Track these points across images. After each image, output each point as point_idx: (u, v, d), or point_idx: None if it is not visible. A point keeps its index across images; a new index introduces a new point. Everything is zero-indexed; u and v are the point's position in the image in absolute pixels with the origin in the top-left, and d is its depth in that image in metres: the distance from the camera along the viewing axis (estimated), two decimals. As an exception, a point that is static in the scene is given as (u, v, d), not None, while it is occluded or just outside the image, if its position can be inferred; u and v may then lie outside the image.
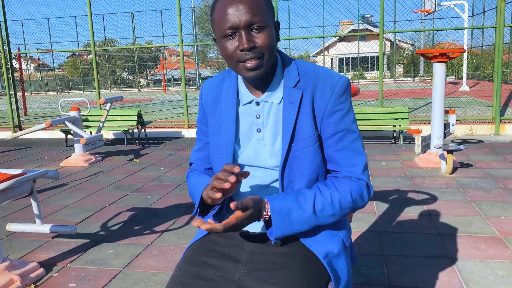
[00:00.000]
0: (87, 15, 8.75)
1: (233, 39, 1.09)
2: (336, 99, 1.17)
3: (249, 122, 1.23)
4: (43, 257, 2.88)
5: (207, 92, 1.32)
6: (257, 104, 1.21)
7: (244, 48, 1.08)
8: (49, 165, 6.08)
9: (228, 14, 1.07)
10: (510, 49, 17.53)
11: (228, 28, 1.08)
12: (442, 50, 4.70)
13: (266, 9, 1.10)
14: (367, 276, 2.45)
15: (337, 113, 1.17)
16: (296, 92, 1.17)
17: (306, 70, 1.20)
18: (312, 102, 1.17)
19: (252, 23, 1.08)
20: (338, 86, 1.17)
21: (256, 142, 1.22)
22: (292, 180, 1.20)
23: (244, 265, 1.18)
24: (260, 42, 1.09)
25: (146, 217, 3.63)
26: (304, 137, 1.17)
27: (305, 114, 1.17)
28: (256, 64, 1.10)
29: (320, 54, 31.22)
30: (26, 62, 31.84)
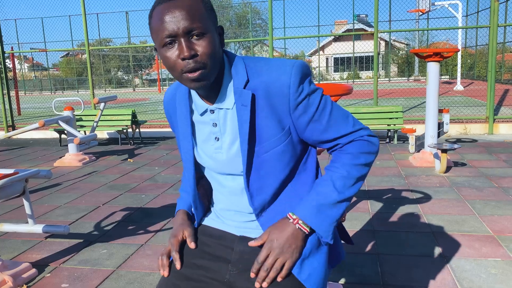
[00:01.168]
0: (81, 14, 8.71)
1: (173, 47, 1.02)
2: (295, 92, 1.08)
3: (206, 131, 1.17)
4: (36, 258, 2.86)
5: (167, 104, 1.28)
6: (212, 112, 1.14)
7: (185, 57, 1.00)
8: (43, 165, 6.04)
9: (165, 22, 1.00)
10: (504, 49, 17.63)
11: (166, 36, 1.01)
12: (436, 50, 4.72)
13: (206, 14, 1.03)
14: (361, 275, 2.45)
15: (302, 103, 1.10)
16: (246, 93, 1.09)
17: (255, 68, 1.11)
18: (270, 103, 1.10)
19: (191, 29, 1.00)
20: (292, 79, 1.08)
21: (214, 151, 1.17)
22: (262, 185, 1.16)
23: (234, 266, 1.17)
24: (201, 50, 1.02)
25: (140, 217, 3.62)
26: (268, 138, 1.11)
27: (263, 115, 1.10)
28: (200, 75, 1.03)
29: (315, 54, 31.26)
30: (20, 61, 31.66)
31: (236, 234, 1.23)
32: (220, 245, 1.23)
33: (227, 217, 1.25)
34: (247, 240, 1.21)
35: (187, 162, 1.24)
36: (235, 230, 1.23)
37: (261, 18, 32.90)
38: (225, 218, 1.25)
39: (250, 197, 1.16)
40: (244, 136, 1.11)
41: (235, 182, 1.19)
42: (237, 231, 1.23)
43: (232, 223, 1.24)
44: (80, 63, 32.26)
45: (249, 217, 1.21)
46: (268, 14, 8.03)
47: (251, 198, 1.16)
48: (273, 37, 8.12)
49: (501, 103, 10.36)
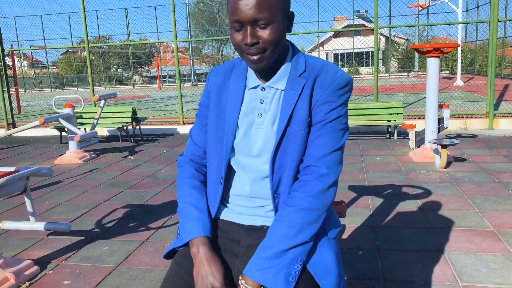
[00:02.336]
0: (81, 12, 8.70)
1: (240, 31, 1.13)
2: (333, 91, 1.18)
3: (252, 106, 1.24)
4: (38, 255, 2.87)
5: (216, 74, 1.33)
6: (263, 90, 1.23)
7: (247, 43, 1.12)
8: (43, 162, 6.05)
9: (237, 8, 1.10)
10: (504, 43, 17.60)
11: (235, 21, 1.11)
12: (436, 45, 4.72)
13: (276, 3, 1.11)
14: (361, 270, 2.46)
15: (329, 104, 1.18)
16: (300, 80, 1.19)
17: (313, 63, 1.22)
18: (311, 90, 1.19)
19: (258, 19, 1.10)
20: (338, 80, 1.19)
21: (255, 127, 1.23)
22: (283, 164, 1.20)
23: (241, 259, 1.20)
24: (264, 37, 1.12)
25: (141, 214, 3.63)
26: (298, 121, 1.18)
27: (303, 100, 1.19)
28: (258, 58, 1.14)
29: (315, 50, 31.21)
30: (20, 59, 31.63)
31: (243, 223, 1.25)
32: (227, 239, 1.25)
33: (238, 203, 1.26)
34: (253, 230, 1.23)
35: (228, 132, 1.24)
36: (242, 219, 1.25)
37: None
38: (235, 205, 1.26)
39: (271, 173, 1.20)
40: (285, 117, 1.18)
41: (262, 165, 1.22)
42: (244, 220, 1.25)
43: (242, 210, 1.25)
44: (79, 60, 32.22)
45: (261, 203, 1.23)
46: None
47: (271, 174, 1.20)
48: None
49: (501, 98, 10.35)
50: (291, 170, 1.20)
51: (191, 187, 1.29)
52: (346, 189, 4.05)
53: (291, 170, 1.20)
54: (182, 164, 1.35)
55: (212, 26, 31.95)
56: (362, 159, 5.29)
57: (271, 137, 1.20)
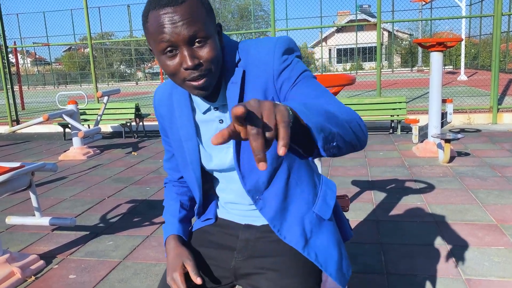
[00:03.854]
0: (83, 8, 8.71)
1: (174, 56, 0.96)
2: (279, 58, 1.04)
3: (213, 128, 1.13)
4: (43, 250, 2.90)
5: (159, 105, 1.21)
6: (216, 109, 1.11)
7: (188, 67, 0.94)
8: (48, 159, 6.08)
9: (164, 29, 0.92)
10: (508, 38, 17.50)
11: (166, 45, 0.94)
12: (439, 39, 4.70)
13: (207, 17, 0.96)
14: (364, 264, 2.47)
15: (285, 70, 1.04)
16: (238, 70, 1.06)
17: (246, 48, 1.07)
18: (255, 74, 1.05)
19: (194, 37, 0.94)
20: (277, 46, 1.04)
21: (226, 147, 1.13)
22: (253, 165, 1.11)
23: (240, 253, 1.19)
24: (205, 57, 0.96)
25: (145, 209, 3.65)
26: None
27: (253, 91, 1.05)
28: (204, 83, 0.98)
29: (318, 45, 31.13)
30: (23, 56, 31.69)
31: (240, 222, 1.24)
32: (225, 234, 1.24)
33: (232, 207, 1.26)
34: (251, 228, 1.23)
35: (193, 163, 1.17)
36: (239, 219, 1.25)
37: (263, 10, 32.76)
38: (230, 209, 1.26)
39: (242, 178, 1.12)
40: None
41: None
42: (241, 219, 1.24)
43: (238, 212, 1.24)
44: (82, 57, 32.26)
45: (254, 206, 1.22)
46: (270, 5, 8.00)
47: (242, 179, 1.12)
48: (275, 28, 8.09)
49: (505, 93, 10.31)
50: (267, 169, 1.10)
51: (169, 200, 1.34)
52: (350, 184, 4.05)
53: (268, 169, 1.10)
54: (165, 185, 1.40)
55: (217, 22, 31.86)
56: (365, 154, 5.29)
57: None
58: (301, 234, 1.13)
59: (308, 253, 1.11)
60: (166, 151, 1.31)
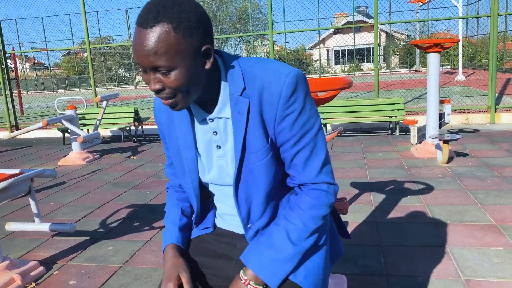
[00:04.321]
0: (81, 13, 8.72)
1: (146, 73, 0.99)
2: (285, 103, 1.03)
3: (207, 139, 1.14)
4: (43, 256, 2.90)
5: (158, 113, 1.22)
6: (211, 121, 1.11)
7: (151, 89, 0.99)
8: (47, 164, 6.09)
9: (135, 50, 0.96)
10: (505, 37, 17.54)
11: (137, 64, 0.98)
12: (436, 41, 4.72)
13: (177, 43, 0.94)
14: (364, 266, 2.48)
15: (288, 117, 1.05)
16: (243, 101, 1.05)
17: (251, 73, 1.06)
18: (260, 111, 1.05)
19: (157, 67, 0.95)
20: (284, 89, 1.03)
21: (217, 159, 1.14)
22: (249, 195, 1.14)
23: (237, 263, 1.19)
24: (168, 84, 0.97)
25: (145, 213, 3.65)
26: (255, 150, 1.08)
27: (254, 125, 1.07)
28: (171, 103, 1.01)
29: (316, 47, 31.18)
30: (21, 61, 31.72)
31: (238, 232, 1.24)
32: (222, 243, 1.24)
33: (229, 218, 1.25)
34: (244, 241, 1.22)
35: (190, 172, 1.18)
36: (237, 229, 1.24)
37: (261, 12, 32.80)
38: (228, 219, 1.26)
39: (238, 207, 1.15)
40: (238, 145, 1.08)
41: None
42: (239, 229, 1.24)
43: (236, 223, 1.24)
44: (81, 61, 32.28)
45: None
46: (268, 8, 8.02)
47: (238, 208, 1.15)
48: (273, 31, 8.11)
49: (503, 92, 10.33)
50: (260, 198, 1.13)
51: (170, 206, 1.33)
52: (348, 185, 4.06)
53: (260, 199, 1.13)
54: (167, 189, 1.39)
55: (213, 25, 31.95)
56: (364, 155, 5.30)
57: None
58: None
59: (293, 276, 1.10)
60: (168, 158, 1.32)
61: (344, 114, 6.79)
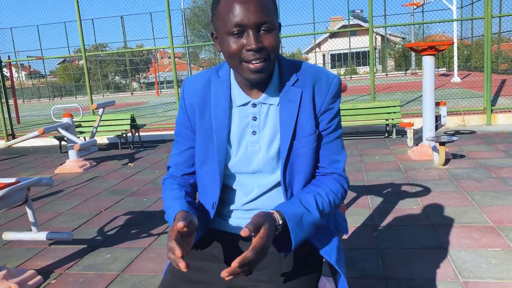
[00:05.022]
0: (77, 21, 8.73)
1: (240, 37, 1.04)
2: (331, 98, 1.18)
3: (243, 124, 1.18)
4: (41, 265, 2.88)
5: (191, 93, 1.23)
6: (254, 106, 1.16)
7: (252, 49, 1.03)
8: (44, 172, 6.07)
9: (237, 11, 1.02)
10: (499, 39, 17.65)
11: (235, 25, 1.03)
12: (430, 43, 4.74)
13: (273, 10, 1.07)
14: (362, 269, 2.47)
15: (329, 111, 1.18)
16: (296, 90, 1.15)
17: (303, 68, 1.19)
18: (312, 100, 1.16)
19: (262, 23, 1.04)
20: (333, 85, 1.18)
21: (250, 144, 1.18)
22: (291, 179, 1.19)
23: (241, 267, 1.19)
24: (268, 43, 1.05)
25: (143, 220, 3.64)
26: (306, 135, 1.16)
27: (306, 112, 1.16)
28: (262, 67, 1.07)
29: (312, 51, 31.26)
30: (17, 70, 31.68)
31: (236, 233, 1.24)
32: (226, 247, 1.25)
33: (237, 216, 1.25)
34: (249, 240, 1.23)
35: (220, 155, 1.19)
36: (235, 229, 1.25)
37: (257, 18, 32.87)
38: (233, 217, 1.26)
39: (285, 191, 1.19)
40: (288, 130, 1.14)
41: (265, 180, 1.20)
42: (237, 229, 1.24)
43: (240, 221, 1.24)
44: (77, 69, 32.26)
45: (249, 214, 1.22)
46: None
47: (285, 193, 1.19)
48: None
49: (498, 94, 10.38)
50: (299, 185, 1.20)
51: (169, 190, 1.27)
52: (346, 189, 4.06)
53: (299, 185, 1.20)
54: (164, 181, 1.35)
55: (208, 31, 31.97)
56: (361, 159, 5.30)
57: (272, 158, 1.17)
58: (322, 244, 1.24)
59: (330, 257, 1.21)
60: (179, 145, 1.29)
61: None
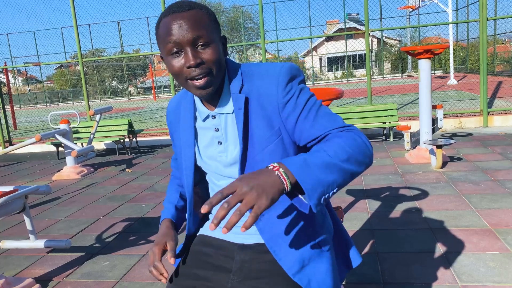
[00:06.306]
0: (73, 26, 8.73)
1: (179, 56, 1.07)
2: (282, 91, 1.11)
3: (209, 136, 1.21)
4: (39, 273, 2.87)
5: (169, 114, 1.33)
6: (213, 118, 1.19)
7: (191, 65, 1.05)
8: (41, 179, 6.05)
9: (172, 32, 1.05)
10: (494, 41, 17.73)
11: (173, 45, 1.06)
12: (426, 47, 4.76)
13: (211, 25, 1.08)
14: (361, 274, 2.48)
15: (289, 102, 1.11)
16: (240, 97, 1.14)
17: (248, 72, 1.16)
18: (260, 103, 1.13)
19: (197, 39, 1.05)
20: (281, 77, 1.11)
21: (218, 155, 1.21)
22: None
23: (235, 275, 1.19)
24: (206, 58, 1.07)
25: (141, 227, 3.64)
26: (258, 139, 1.14)
27: (256, 118, 1.14)
28: (205, 82, 1.08)
29: (309, 55, 31.35)
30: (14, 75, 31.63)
31: (235, 242, 1.25)
32: (220, 255, 1.25)
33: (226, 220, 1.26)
34: (246, 248, 1.23)
35: (187, 169, 1.26)
36: (233, 238, 1.25)
37: (253, 22, 32.97)
38: (223, 224, 1.27)
39: None
40: (242, 139, 1.14)
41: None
42: (236, 238, 1.25)
43: (232, 229, 1.24)
44: (74, 74, 32.25)
45: None
46: (259, 18, 8.08)
47: None
48: (265, 40, 8.16)
49: (495, 96, 10.42)
50: None
51: (169, 189, 1.47)
52: (344, 193, 4.07)
53: None
54: (171, 177, 1.51)
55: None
56: (358, 162, 5.31)
57: (234, 163, 1.18)
58: (297, 260, 1.16)
59: (299, 279, 1.14)
60: (174, 151, 1.41)
61: (338, 121, 6.81)
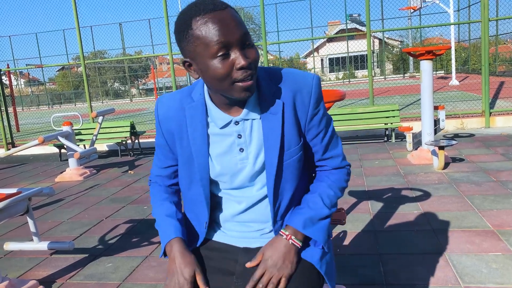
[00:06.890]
0: (75, 28, 8.76)
1: (226, 58, 0.99)
2: (314, 103, 1.17)
3: (227, 143, 1.16)
4: (42, 275, 2.88)
5: (167, 120, 1.21)
6: (236, 124, 1.14)
7: (243, 66, 0.99)
8: (44, 181, 6.07)
9: (218, 31, 0.96)
10: (496, 41, 17.71)
11: (221, 46, 0.97)
12: (428, 48, 4.76)
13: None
14: (363, 276, 2.48)
15: (316, 116, 1.18)
16: (276, 101, 1.12)
17: (279, 77, 1.15)
18: (294, 110, 1.15)
19: (245, 39, 1.00)
20: (314, 89, 1.16)
21: (240, 162, 1.18)
22: (279, 191, 1.20)
23: (239, 278, 1.19)
24: (252, 57, 1.02)
25: (143, 228, 3.65)
26: (291, 146, 1.16)
27: (289, 124, 1.15)
28: (252, 84, 1.03)
29: (310, 56, 31.34)
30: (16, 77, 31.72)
31: (238, 245, 1.26)
32: (224, 258, 1.25)
33: (231, 228, 1.27)
34: (250, 251, 1.24)
35: (202, 180, 1.20)
36: (237, 242, 1.26)
37: (254, 23, 32.99)
38: (228, 230, 1.28)
39: (273, 204, 1.20)
40: (274, 145, 1.13)
41: (254, 192, 1.22)
42: (239, 242, 1.26)
43: (236, 234, 1.26)
44: (76, 76, 32.32)
45: (257, 227, 1.25)
46: (261, 19, 8.09)
47: (273, 205, 1.20)
48: (267, 41, 8.17)
49: (497, 96, 10.40)
50: (289, 195, 1.22)
51: (161, 200, 1.31)
52: (346, 195, 4.07)
53: (289, 195, 1.22)
54: (151, 184, 1.38)
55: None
56: (361, 163, 5.31)
57: (258, 168, 1.18)
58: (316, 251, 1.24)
59: (320, 267, 1.21)
60: (161, 159, 1.30)
61: (339, 123, 6.82)
